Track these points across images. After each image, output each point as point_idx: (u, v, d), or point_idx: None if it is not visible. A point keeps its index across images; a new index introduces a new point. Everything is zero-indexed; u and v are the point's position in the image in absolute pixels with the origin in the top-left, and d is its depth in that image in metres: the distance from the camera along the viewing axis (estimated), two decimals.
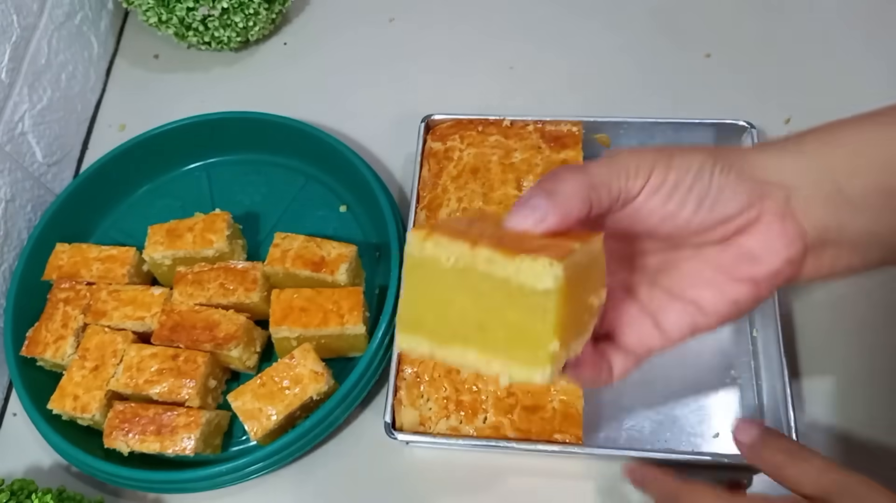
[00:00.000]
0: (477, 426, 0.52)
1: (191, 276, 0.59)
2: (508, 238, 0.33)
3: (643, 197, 0.36)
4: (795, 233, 0.37)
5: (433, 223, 0.34)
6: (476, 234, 0.32)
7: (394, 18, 0.78)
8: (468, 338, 0.33)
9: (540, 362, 0.31)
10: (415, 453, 0.57)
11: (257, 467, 0.54)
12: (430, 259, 0.32)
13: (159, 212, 0.68)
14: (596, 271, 0.35)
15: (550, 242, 0.32)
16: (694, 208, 0.36)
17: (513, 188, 0.59)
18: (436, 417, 0.53)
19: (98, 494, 0.56)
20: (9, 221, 0.64)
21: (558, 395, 0.52)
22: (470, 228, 0.34)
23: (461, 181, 0.60)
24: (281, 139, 0.68)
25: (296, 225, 0.66)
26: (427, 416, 0.53)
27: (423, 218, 0.60)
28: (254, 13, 0.72)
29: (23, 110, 0.66)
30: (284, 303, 0.57)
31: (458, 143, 0.62)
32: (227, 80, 0.77)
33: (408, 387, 0.54)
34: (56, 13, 0.70)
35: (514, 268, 0.31)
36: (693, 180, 0.35)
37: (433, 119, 0.64)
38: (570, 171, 0.35)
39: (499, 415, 0.52)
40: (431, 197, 0.60)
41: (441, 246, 0.32)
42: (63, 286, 0.61)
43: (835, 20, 0.72)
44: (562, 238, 0.33)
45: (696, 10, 0.75)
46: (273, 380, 0.54)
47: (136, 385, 0.55)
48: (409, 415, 0.53)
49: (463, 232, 0.33)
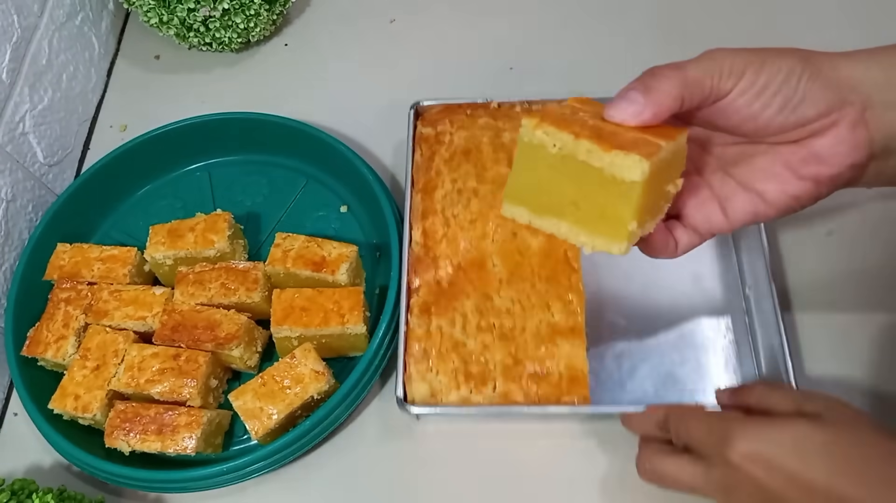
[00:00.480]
0: (487, 395, 0.53)
1: (192, 276, 0.59)
2: (606, 130, 0.38)
3: (732, 96, 0.39)
4: (864, 140, 0.39)
5: (543, 111, 0.40)
6: (579, 125, 0.38)
7: (395, 19, 0.78)
8: (563, 213, 0.40)
9: (620, 237, 0.39)
10: (421, 442, 0.57)
11: (258, 466, 0.54)
12: (538, 144, 0.39)
13: (160, 212, 0.68)
14: (676, 164, 0.41)
15: (641, 137, 0.37)
16: (777, 110, 0.39)
17: (505, 166, 0.61)
18: (446, 389, 0.54)
19: (99, 494, 0.56)
20: (10, 221, 0.64)
21: (563, 361, 0.54)
22: (574, 117, 0.39)
23: (454, 163, 0.61)
24: (282, 140, 0.68)
25: (297, 225, 0.66)
26: (437, 389, 0.54)
27: (418, 201, 0.60)
28: (255, 14, 0.72)
29: (24, 110, 0.66)
30: (285, 302, 0.57)
31: (449, 127, 0.63)
32: (228, 81, 0.77)
33: (416, 362, 0.54)
34: (57, 13, 0.70)
35: (609, 161, 0.37)
36: (781, 84, 0.38)
37: (422, 105, 0.65)
38: (667, 69, 0.38)
39: (508, 384, 0.53)
40: (426, 180, 0.61)
41: (549, 134, 0.38)
42: (64, 286, 0.61)
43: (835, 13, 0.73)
44: (652, 131, 0.38)
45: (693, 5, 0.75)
46: (274, 380, 0.54)
47: (138, 384, 0.55)
48: (421, 389, 0.54)
49: (567, 121, 0.38)
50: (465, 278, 0.57)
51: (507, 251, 0.57)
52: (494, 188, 0.60)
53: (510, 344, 0.54)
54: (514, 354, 0.54)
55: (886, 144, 0.40)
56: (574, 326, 0.54)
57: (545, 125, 0.38)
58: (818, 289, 0.60)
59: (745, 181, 0.42)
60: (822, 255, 0.61)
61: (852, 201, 0.63)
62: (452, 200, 0.60)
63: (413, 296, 0.57)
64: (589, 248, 0.40)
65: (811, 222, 0.62)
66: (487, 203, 0.59)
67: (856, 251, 0.61)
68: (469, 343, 0.55)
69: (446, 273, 0.57)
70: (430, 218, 0.59)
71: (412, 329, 0.55)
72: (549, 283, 0.56)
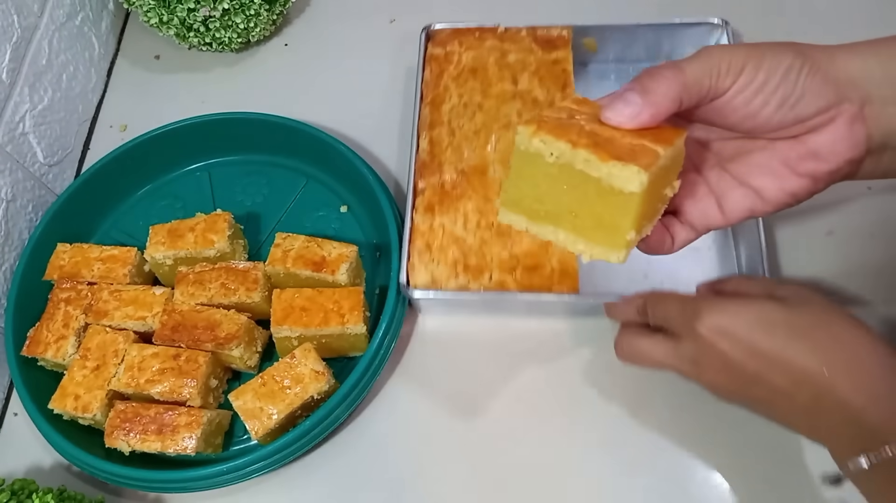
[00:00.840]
0: (483, 283, 0.57)
1: (192, 276, 0.59)
2: (603, 136, 0.38)
3: (730, 94, 0.39)
4: (861, 136, 0.39)
5: (539, 117, 0.39)
6: (576, 131, 0.38)
7: (395, 19, 0.78)
8: (560, 220, 0.40)
9: (618, 247, 0.39)
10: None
11: (258, 466, 0.54)
12: (535, 153, 0.38)
13: (160, 212, 0.68)
14: (674, 167, 0.40)
15: (639, 143, 0.37)
16: (776, 107, 0.39)
17: (509, 84, 0.64)
18: (445, 278, 0.58)
19: (99, 494, 0.56)
20: (10, 221, 0.64)
21: (556, 256, 0.57)
22: (570, 121, 0.39)
23: (461, 80, 0.65)
24: (282, 140, 0.68)
25: (297, 225, 0.66)
26: (438, 277, 0.58)
27: (427, 113, 0.64)
28: (255, 14, 0.72)
29: (24, 110, 0.66)
30: (285, 302, 0.57)
31: (458, 48, 0.67)
32: (228, 81, 0.77)
33: (419, 253, 0.58)
34: (57, 13, 0.70)
35: (607, 171, 0.36)
36: (780, 81, 0.38)
37: (433, 29, 0.68)
38: (665, 70, 0.38)
39: (503, 274, 0.57)
40: (434, 95, 0.65)
41: (546, 143, 0.38)
42: (64, 286, 0.61)
43: None
44: (650, 134, 0.38)
45: None
46: (274, 380, 0.54)
47: (138, 384, 0.55)
48: (422, 277, 0.58)
49: (564, 127, 0.38)
50: (467, 182, 0.61)
51: (507, 160, 0.61)
52: (498, 103, 0.64)
53: (507, 240, 0.58)
54: (511, 250, 0.58)
55: (884, 140, 0.40)
56: None
57: (542, 133, 0.38)
58: (817, 289, 0.60)
59: (742, 177, 0.42)
60: (821, 255, 0.61)
61: (852, 200, 0.63)
62: (458, 113, 0.64)
63: (418, 197, 0.61)
64: (587, 256, 0.40)
65: (811, 222, 0.62)
66: (491, 116, 0.63)
67: (856, 251, 0.61)
68: (468, 239, 0.58)
69: (450, 177, 0.61)
70: (436, 128, 0.63)
71: (416, 226, 0.59)
72: None
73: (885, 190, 0.63)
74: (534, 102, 0.63)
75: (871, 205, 0.63)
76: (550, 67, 0.65)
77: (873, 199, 0.63)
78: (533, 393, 0.58)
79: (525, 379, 0.58)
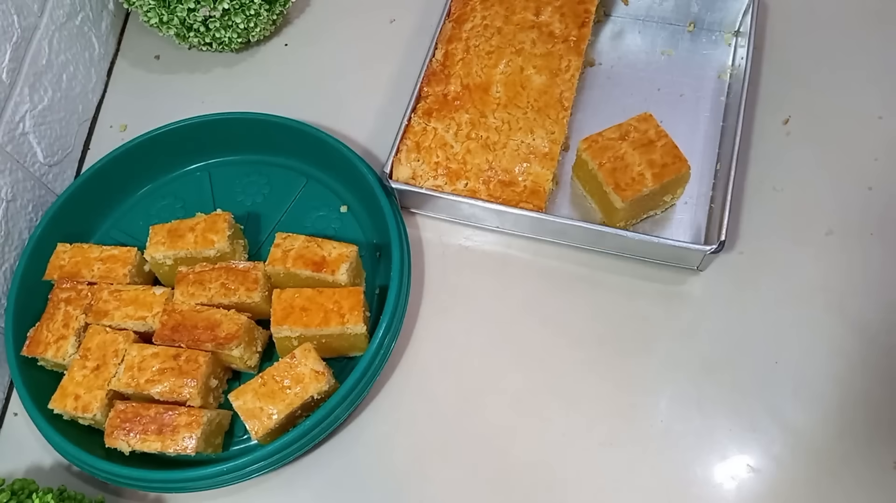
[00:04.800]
0: (457, 188, 0.63)
1: (192, 276, 0.59)
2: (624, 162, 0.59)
3: None
4: None
5: (592, 139, 0.60)
6: (610, 154, 0.59)
7: (395, 19, 0.78)
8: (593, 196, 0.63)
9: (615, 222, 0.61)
10: None
11: (258, 466, 0.54)
12: (584, 160, 0.61)
13: (160, 212, 0.68)
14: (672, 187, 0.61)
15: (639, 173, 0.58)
16: None
17: (531, 14, 0.69)
18: (425, 176, 0.63)
19: (99, 494, 0.56)
20: (10, 221, 0.64)
21: (531, 178, 0.62)
22: (615, 143, 0.59)
23: (488, 3, 0.71)
24: (282, 140, 0.68)
25: (297, 225, 0.66)
26: (418, 174, 0.63)
27: (448, 28, 0.70)
28: (255, 14, 0.72)
29: (24, 110, 0.66)
30: (285, 302, 0.57)
31: None
32: (228, 81, 0.77)
33: (407, 150, 0.64)
34: (57, 13, 0.70)
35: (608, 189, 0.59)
36: None
37: None
38: None
39: (477, 184, 0.63)
40: (461, 13, 0.71)
41: (587, 158, 0.60)
42: (64, 286, 0.61)
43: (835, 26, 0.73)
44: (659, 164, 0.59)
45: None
46: (274, 380, 0.54)
47: (138, 384, 0.55)
48: (404, 172, 0.63)
49: (604, 149, 0.59)
50: (468, 97, 0.66)
51: (511, 82, 0.66)
52: (516, 30, 0.69)
53: (490, 153, 0.63)
54: (491, 163, 0.63)
55: None
56: (548, 153, 0.63)
57: (586, 152, 0.60)
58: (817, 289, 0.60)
59: None
60: (822, 255, 0.61)
61: (852, 200, 0.63)
62: (478, 33, 0.69)
63: (421, 102, 0.66)
64: None
65: (811, 222, 0.62)
66: (507, 41, 0.68)
67: (856, 251, 0.61)
68: (456, 146, 0.64)
69: (455, 89, 0.66)
70: (454, 43, 0.69)
71: (412, 125, 0.65)
72: (539, 115, 0.65)
73: (886, 190, 0.63)
74: (550, 35, 0.68)
75: (872, 205, 0.63)
76: (574, 6, 0.68)
77: (873, 199, 0.63)
78: (533, 392, 0.58)
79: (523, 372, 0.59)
